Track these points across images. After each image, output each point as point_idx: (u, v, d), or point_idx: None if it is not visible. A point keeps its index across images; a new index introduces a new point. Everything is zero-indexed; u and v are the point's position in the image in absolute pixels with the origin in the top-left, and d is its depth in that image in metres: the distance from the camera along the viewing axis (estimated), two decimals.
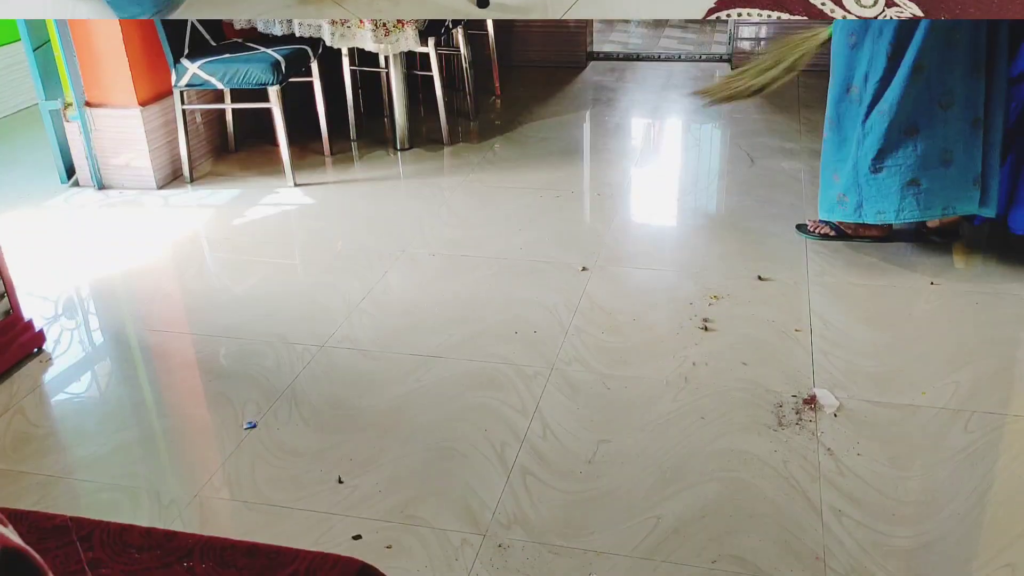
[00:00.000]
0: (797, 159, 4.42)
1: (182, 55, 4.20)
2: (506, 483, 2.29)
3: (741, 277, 3.31)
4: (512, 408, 2.59)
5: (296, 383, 2.75)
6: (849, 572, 1.99)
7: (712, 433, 2.46)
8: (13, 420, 2.62)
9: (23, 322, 2.92)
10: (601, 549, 2.07)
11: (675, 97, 5.66)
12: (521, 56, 6.46)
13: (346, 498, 2.26)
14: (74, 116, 4.25)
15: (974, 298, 3.12)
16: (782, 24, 6.00)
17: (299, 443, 2.48)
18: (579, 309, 3.12)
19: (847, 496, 2.21)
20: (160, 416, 2.65)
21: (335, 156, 4.73)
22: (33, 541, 1.30)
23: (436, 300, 3.22)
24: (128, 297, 3.36)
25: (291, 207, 4.14)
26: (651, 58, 6.57)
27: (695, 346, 2.88)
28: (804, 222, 3.66)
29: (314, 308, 3.19)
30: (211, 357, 2.93)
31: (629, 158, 4.63)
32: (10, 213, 4.16)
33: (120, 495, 2.31)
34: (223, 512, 2.25)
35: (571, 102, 5.61)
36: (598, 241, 3.64)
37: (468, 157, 4.66)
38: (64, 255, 3.71)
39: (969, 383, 2.65)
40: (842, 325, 2.97)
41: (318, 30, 4.42)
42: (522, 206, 4.02)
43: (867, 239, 3.53)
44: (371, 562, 1.32)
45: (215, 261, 3.63)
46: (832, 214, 3.45)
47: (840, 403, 2.57)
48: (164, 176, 4.41)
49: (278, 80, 4.14)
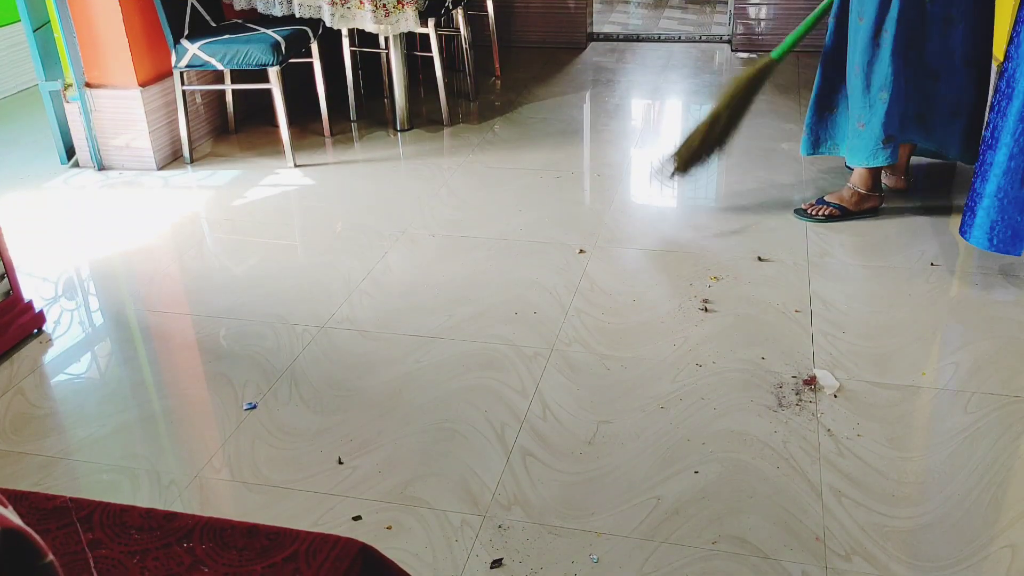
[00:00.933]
0: (796, 140, 4.40)
1: (182, 36, 4.18)
2: (506, 464, 2.29)
3: (741, 258, 3.30)
4: (512, 389, 2.59)
5: (296, 364, 2.75)
6: (849, 553, 1.99)
7: (712, 414, 2.46)
8: (13, 401, 2.62)
9: (23, 303, 2.92)
10: (601, 530, 2.08)
11: (675, 78, 5.64)
12: (521, 37, 6.44)
13: (346, 479, 2.26)
14: (74, 97, 4.24)
15: (974, 279, 3.11)
16: (782, 5, 5.98)
17: (299, 424, 2.48)
18: (579, 290, 3.12)
19: (847, 477, 2.21)
20: (160, 397, 2.65)
21: (335, 137, 4.72)
22: (33, 522, 1.30)
23: (436, 281, 3.22)
24: (128, 278, 3.36)
25: (291, 188, 4.13)
26: (651, 39, 6.55)
27: (695, 327, 2.88)
28: (802, 207, 3.65)
29: (314, 289, 3.19)
30: (211, 338, 2.93)
31: (629, 139, 4.61)
32: (10, 194, 4.15)
33: (120, 476, 2.31)
34: (223, 493, 2.25)
35: (571, 83, 5.59)
36: (598, 222, 3.63)
37: (468, 138, 4.65)
38: (64, 236, 3.70)
39: (969, 364, 2.65)
40: (842, 306, 2.97)
41: (318, 11, 4.40)
42: (522, 187, 4.01)
43: (867, 213, 3.56)
44: (371, 543, 1.32)
45: (215, 242, 3.62)
46: (874, 159, 3.43)
47: (840, 384, 2.57)
48: (164, 157, 4.40)
49: (278, 61, 4.12)
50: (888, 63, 3.29)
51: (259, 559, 1.25)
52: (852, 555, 1.99)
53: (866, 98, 3.37)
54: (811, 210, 3.60)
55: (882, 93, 3.32)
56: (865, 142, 3.42)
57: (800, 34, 3.52)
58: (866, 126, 3.39)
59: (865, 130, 3.40)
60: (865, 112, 3.38)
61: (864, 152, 3.43)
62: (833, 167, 4.08)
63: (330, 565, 1.23)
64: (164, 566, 1.24)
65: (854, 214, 3.56)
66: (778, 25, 6.01)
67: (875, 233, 3.46)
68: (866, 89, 3.36)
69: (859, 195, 3.56)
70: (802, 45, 3.73)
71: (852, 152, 3.48)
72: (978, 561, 1.96)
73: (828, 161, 4.14)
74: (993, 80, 4.04)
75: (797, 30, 3.52)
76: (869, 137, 3.40)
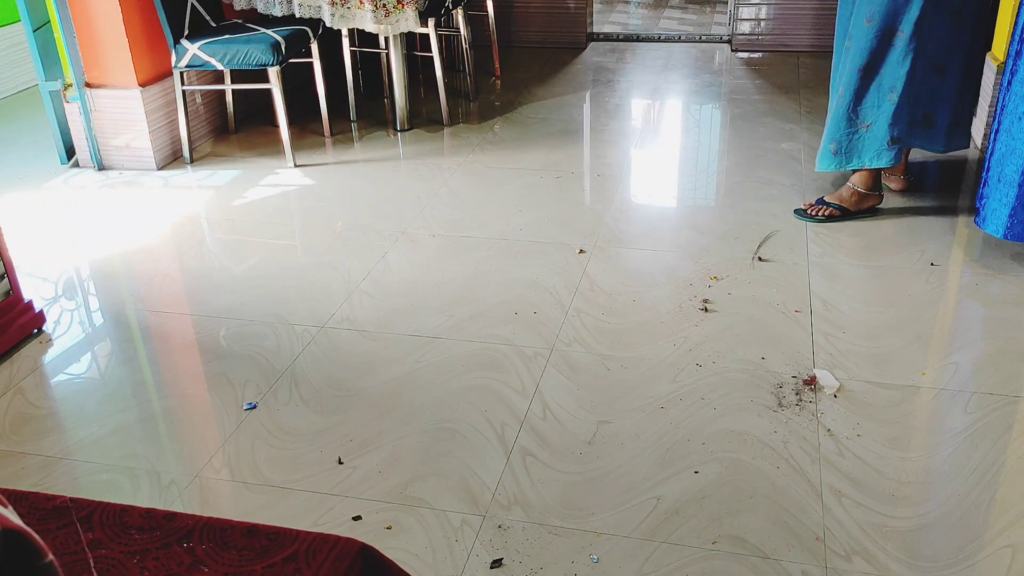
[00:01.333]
0: (797, 140, 4.41)
1: (182, 36, 4.18)
2: (506, 464, 2.29)
3: (741, 258, 3.30)
4: (512, 389, 2.59)
5: (296, 364, 2.76)
6: (849, 553, 1.99)
7: (712, 414, 2.46)
8: (13, 401, 2.62)
9: (23, 303, 2.92)
10: (601, 530, 2.08)
11: (675, 78, 5.64)
12: (521, 37, 6.44)
13: (346, 479, 2.26)
14: (74, 97, 4.24)
15: (974, 279, 3.11)
16: (781, 5, 5.97)
17: (299, 424, 2.48)
18: (579, 290, 3.12)
19: (847, 477, 2.21)
20: (160, 397, 2.65)
21: (335, 137, 4.72)
22: (33, 522, 1.30)
23: (436, 281, 3.22)
24: (128, 278, 3.36)
25: (291, 188, 4.13)
26: (651, 39, 6.54)
27: (695, 327, 2.88)
28: (801, 207, 3.65)
29: (314, 289, 3.19)
30: (211, 338, 2.93)
31: (629, 139, 4.61)
32: (10, 194, 4.15)
33: (120, 476, 2.31)
34: (223, 493, 2.25)
35: (571, 83, 5.59)
36: (598, 222, 3.63)
37: (468, 138, 4.65)
38: (64, 236, 3.70)
39: (969, 364, 2.65)
40: (842, 306, 2.97)
41: (318, 11, 4.40)
42: (522, 187, 4.01)
43: (866, 212, 3.57)
44: (371, 543, 1.32)
45: (215, 242, 3.62)
46: (878, 160, 3.45)
47: (840, 384, 2.57)
48: (164, 157, 4.40)
49: (278, 61, 4.12)
50: (899, 64, 3.29)
51: (259, 559, 1.25)
52: (852, 555, 1.99)
53: (875, 98, 3.37)
54: (811, 210, 3.59)
55: (891, 94, 3.33)
56: (870, 142, 3.42)
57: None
58: (872, 126, 3.39)
59: (870, 131, 3.40)
60: (872, 112, 3.39)
61: (869, 153, 3.43)
62: None
63: (330, 565, 1.23)
64: (164, 566, 1.24)
65: (854, 214, 3.56)
66: (778, 25, 6.01)
67: (875, 233, 3.46)
68: (875, 89, 3.36)
69: (859, 195, 3.56)
70: (804, 45, 3.73)
71: (855, 153, 3.49)
72: (978, 561, 1.96)
73: None
74: (992, 78, 4.05)
75: None
76: (874, 137, 3.40)
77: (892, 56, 3.30)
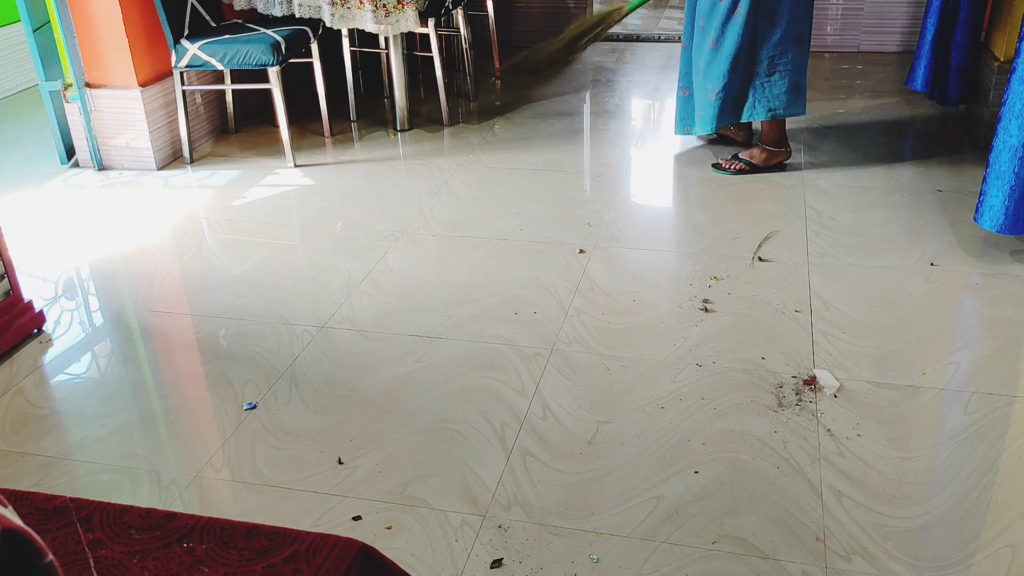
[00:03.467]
0: (796, 140, 4.40)
1: (182, 36, 4.18)
2: (506, 464, 2.29)
3: (740, 258, 3.30)
4: (512, 389, 2.59)
5: (296, 364, 2.76)
6: (849, 553, 1.99)
7: (712, 414, 2.46)
8: (13, 401, 2.62)
9: (23, 303, 2.92)
10: (601, 530, 2.08)
11: (675, 78, 5.61)
12: (521, 37, 6.43)
13: (346, 479, 2.26)
14: (74, 97, 4.24)
15: (974, 279, 3.11)
16: None
17: (299, 424, 2.48)
18: (579, 290, 3.12)
19: (847, 477, 2.21)
20: (160, 397, 2.65)
21: (335, 137, 4.72)
22: (33, 522, 1.31)
23: (436, 281, 3.22)
24: (128, 278, 3.36)
25: (291, 188, 4.13)
26: (651, 39, 6.54)
27: (695, 327, 2.88)
28: (719, 161, 4.10)
29: (314, 289, 3.19)
30: (211, 338, 2.93)
31: (629, 139, 4.61)
32: (10, 194, 4.15)
33: (120, 476, 2.31)
34: (223, 493, 2.25)
35: (571, 83, 5.59)
36: (598, 222, 3.63)
37: (468, 138, 4.65)
38: (64, 236, 3.70)
39: (969, 364, 2.65)
40: (842, 306, 2.97)
41: (318, 11, 4.40)
42: (522, 187, 4.01)
43: (775, 167, 4.03)
44: (371, 543, 1.32)
45: (215, 242, 3.62)
46: (720, 123, 3.94)
47: (840, 384, 2.57)
48: (164, 157, 4.40)
49: (278, 61, 4.12)
50: (740, 34, 3.74)
51: (259, 559, 1.25)
52: (852, 555, 1.99)
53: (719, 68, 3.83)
54: (725, 164, 4.06)
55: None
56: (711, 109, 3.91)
57: None
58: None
59: (716, 98, 3.88)
60: (719, 81, 3.84)
61: (709, 119, 3.94)
62: (829, 164, 4.08)
63: (330, 565, 1.23)
64: (164, 566, 1.24)
65: (763, 169, 4.01)
66: None
67: (875, 233, 3.46)
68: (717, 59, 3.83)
69: (768, 152, 4.01)
70: None
71: (704, 120, 3.97)
72: (978, 561, 1.96)
73: (821, 157, 4.14)
74: (991, 78, 4.05)
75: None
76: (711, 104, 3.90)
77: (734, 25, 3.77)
